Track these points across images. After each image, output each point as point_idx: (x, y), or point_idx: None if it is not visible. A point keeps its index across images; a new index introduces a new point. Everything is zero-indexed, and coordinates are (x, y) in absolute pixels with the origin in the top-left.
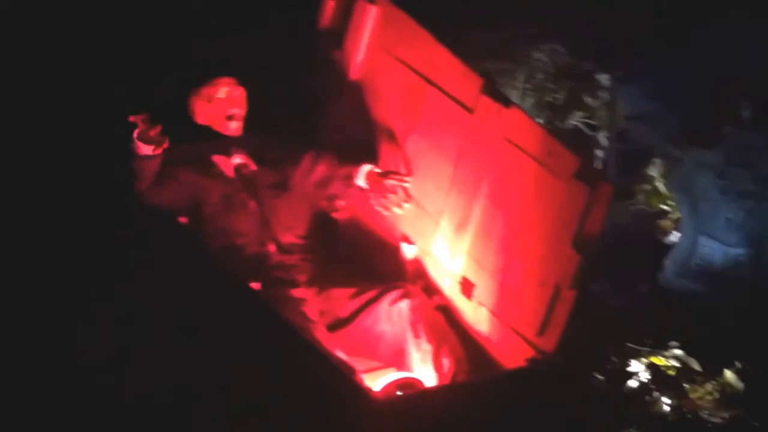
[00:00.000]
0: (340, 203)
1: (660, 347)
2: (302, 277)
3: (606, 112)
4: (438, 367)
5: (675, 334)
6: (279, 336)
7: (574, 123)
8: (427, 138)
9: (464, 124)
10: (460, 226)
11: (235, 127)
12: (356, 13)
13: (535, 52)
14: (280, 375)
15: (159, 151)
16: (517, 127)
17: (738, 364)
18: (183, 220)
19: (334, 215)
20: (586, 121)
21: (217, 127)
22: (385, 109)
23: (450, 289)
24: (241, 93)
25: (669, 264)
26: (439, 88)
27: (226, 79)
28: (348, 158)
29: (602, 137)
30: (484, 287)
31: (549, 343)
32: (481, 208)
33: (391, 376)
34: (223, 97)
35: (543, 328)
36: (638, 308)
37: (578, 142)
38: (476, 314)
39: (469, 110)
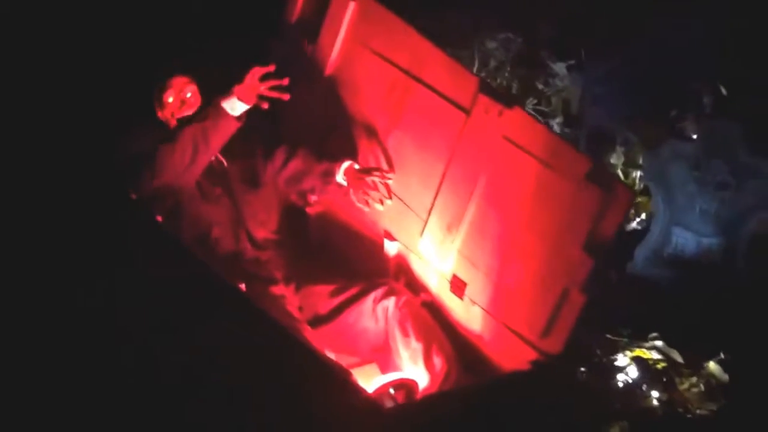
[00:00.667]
0: (313, 198)
1: (639, 339)
2: (278, 274)
3: (558, 99)
4: (429, 365)
5: (653, 325)
6: (271, 338)
7: (527, 110)
8: (412, 135)
9: (456, 123)
10: (452, 225)
11: None
12: (333, 7)
13: (489, 40)
14: (276, 377)
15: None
16: (518, 126)
17: (721, 355)
18: (159, 218)
19: (307, 210)
20: (539, 108)
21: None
22: (364, 104)
23: (437, 286)
24: (192, 91)
25: (640, 253)
26: (427, 86)
27: (176, 80)
28: (324, 153)
29: (555, 124)
30: (477, 286)
31: (555, 345)
32: (476, 207)
33: (387, 376)
34: (172, 101)
35: (547, 330)
36: (610, 298)
37: None
38: (468, 313)
39: (464, 110)
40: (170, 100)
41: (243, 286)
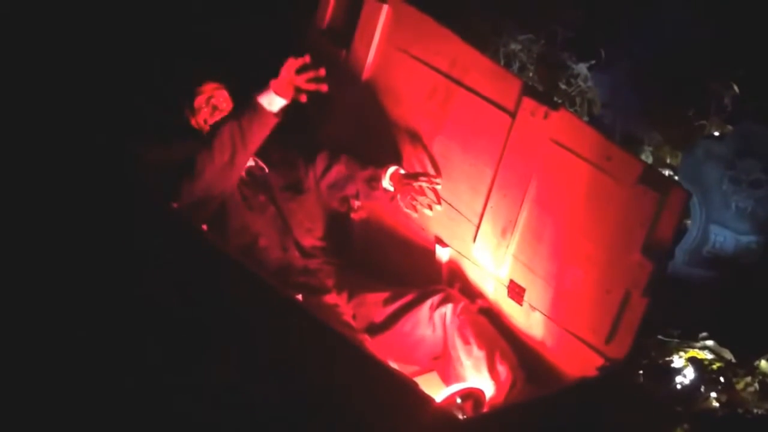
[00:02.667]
0: (357, 203)
1: (689, 339)
2: (330, 282)
3: (582, 100)
4: (494, 374)
5: (699, 324)
6: (335, 349)
7: None
8: (457, 139)
9: (502, 126)
10: (506, 230)
11: None
12: (365, 12)
13: (512, 42)
14: (342, 389)
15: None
16: (567, 129)
17: None
18: (204, 227)
19: (351, 216)
20: None
21: None
22: (405, 109)
23: (494, 292)
24: (224, 96)
25: (678, 253)
26: (469, 89)
27: (206, 86)
28: (365, 159)
29: None
30: (536, 292)
31: (619, 350)
32: (529, 211)
33: (454, 386)
34: (205, 107)
35: (611, 335)
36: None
37: None
38: (528, 319)
39: (509, 112)
40: (202, 106)
41: (300, 297)
